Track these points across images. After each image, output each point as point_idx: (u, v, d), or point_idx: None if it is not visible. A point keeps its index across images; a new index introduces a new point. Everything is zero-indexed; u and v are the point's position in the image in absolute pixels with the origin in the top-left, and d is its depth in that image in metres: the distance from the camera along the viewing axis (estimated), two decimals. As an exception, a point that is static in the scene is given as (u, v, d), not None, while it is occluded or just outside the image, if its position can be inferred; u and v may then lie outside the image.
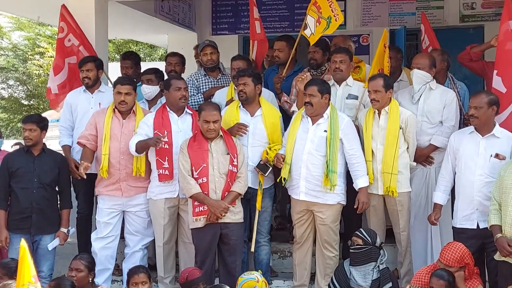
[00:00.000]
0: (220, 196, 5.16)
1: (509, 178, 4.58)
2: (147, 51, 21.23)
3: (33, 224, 5.42)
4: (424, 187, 5.56)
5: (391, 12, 9.40)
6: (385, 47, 5.78)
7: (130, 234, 5.64)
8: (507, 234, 4.54)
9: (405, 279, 5.45)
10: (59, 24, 6.53)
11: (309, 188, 5.28)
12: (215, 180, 5.16)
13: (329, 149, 5.19)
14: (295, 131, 5.35)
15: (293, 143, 5.32)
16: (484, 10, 9.09)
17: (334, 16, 5.85)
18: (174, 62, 6.80)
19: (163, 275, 5.64)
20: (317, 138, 5.26)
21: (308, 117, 5.34)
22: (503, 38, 5.40)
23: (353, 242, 5.05)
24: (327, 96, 5.28)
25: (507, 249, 4.48)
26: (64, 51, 6.50)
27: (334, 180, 5.18)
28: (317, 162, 5.24)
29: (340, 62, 5.65)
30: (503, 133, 4.94)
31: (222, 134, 5.27)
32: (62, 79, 6.53)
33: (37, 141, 5.48)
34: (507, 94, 5.28)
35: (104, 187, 5.55)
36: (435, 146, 5.49)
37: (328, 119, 5.27)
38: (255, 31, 6.60)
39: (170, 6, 8.89)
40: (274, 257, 6.16)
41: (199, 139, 5.23)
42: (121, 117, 5.54)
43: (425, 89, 5.54)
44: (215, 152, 5.19)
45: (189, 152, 5.17)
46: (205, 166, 5.15)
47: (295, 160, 5.30)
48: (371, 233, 5.09)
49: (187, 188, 5.15)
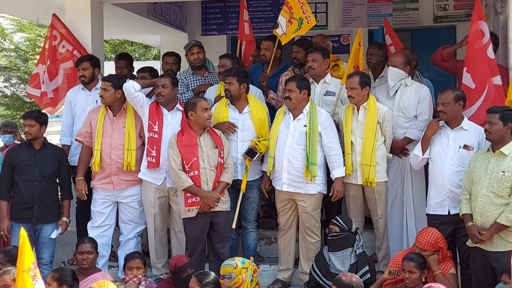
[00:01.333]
0: (211, 187, 5.19)
1: (478, 169, 4.64)
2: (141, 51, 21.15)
3: (35, 214, 5.43)
4: (400, 177, 5.60)
5: (369, 13, 9.41)
6: (360, 45, 5.81)
7: (123, 223, 5.67)
8: (477, 223, 4.61)
9: (383, 262, 5.51)
10: (51, 32, 6.55)
11: (291, 179, 5.32)
12: (206, 173, 5.18)
13: (309, 143, 5.23)
14: (278, 126, 5.39)
15: (276, 138, 5.36)
16: (456, 11, 9.13)
17: (306, 18, 5.84)
18: (170, 61, 6.79)
19: (156, 261, 5.68)
20: (297, 133, 5.30)
21: (289, 113, 5.37)
22: (473, 38, 5.43)
23: (331, 229, 5.09)
24: (305, 92, 5.31)
25: (477, 237, 4.55)
26: (58, 58, 6.53)
27: (314, 171, 5.23)
28: (298, 155, 5.28)
29: (312, 61, 5.67)
30: (470, 126, 5.02)
31: (208, 128, 5.30)
32: (56, 85, 6.59)
33: (36, 135, 5.48)
34: (476, 90, 5.32)
35: (98, 180, 5.59)
36: (409, 138, 5.53)
37: (308, 114, 5.30)
38: (244, 32, 6.61)
39: (162, 8, 8.86)
40: (261, 243, 6.20)
41: (188, 133, 5.24)
42: (112, 115, 5.55)
43: (401, 85, 5.57)
44: (204, 146, 5.21)
45: (179, 147, 5.18)
46: (196, 160, 5.17)
47: (277, 154, 5.34)
48: (346, 220, 5.14)
49: (179, 182, 5.16)
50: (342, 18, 9.49)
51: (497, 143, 4.58)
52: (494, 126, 4.55)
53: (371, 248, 5.67)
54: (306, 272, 5.40)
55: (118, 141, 5.48)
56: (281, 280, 5.56)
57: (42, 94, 6.69)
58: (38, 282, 3.36)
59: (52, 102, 6.66)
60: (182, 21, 9.68)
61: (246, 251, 5.71)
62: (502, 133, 4.55)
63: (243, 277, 4.51)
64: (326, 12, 9.52)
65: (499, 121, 4.53)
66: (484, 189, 4.56)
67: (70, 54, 6.46)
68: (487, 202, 4.54)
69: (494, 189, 4.51)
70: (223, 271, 4.51)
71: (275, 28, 6.07)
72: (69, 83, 6.48)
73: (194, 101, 5.28)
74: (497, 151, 4.57)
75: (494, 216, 4.51)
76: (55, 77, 6.59)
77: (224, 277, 4.47)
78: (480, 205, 4.58)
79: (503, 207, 4.47)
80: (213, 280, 4.34)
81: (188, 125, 5.27)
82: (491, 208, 4.52)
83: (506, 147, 4.53)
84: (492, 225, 4.52)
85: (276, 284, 5.53)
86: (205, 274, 4.38)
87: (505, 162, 4.50)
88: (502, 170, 4.48)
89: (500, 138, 4.55)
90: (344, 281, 4.15)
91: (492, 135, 4.58)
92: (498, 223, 4.48)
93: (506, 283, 4.23)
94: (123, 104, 5.56)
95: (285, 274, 5.58)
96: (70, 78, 6.50)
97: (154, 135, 5.42)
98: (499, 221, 4.47)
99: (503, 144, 4.55)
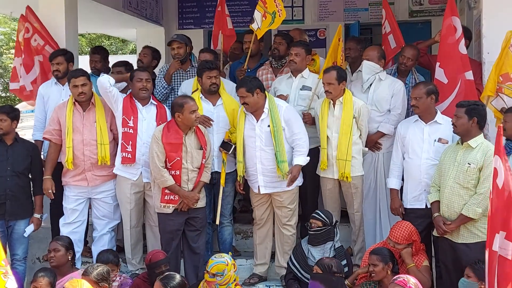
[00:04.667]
0: (191, 187, 5.18)
1: (447, 161, 4.73)
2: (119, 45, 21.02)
3: (7, 210, 5.38)
4: (373, 171, 5.63)
5: (346, 7, 9.47)
6: (340, 41, 5.83)
7: (97, 218, 5.63)
8: (444, 214, 4.71)
9: (358, 255, 5.55)
10: (24, 25, 6.46)
11: (267, 181, 5.30)
12: (188, 173, 5.15)
13: (275, 142, 5.18)
14: (242, 130, 5.31)
15: (242, 141, 5.30)
16: (431, 6, 9.23)
17: (278, 11, 5.88)
18: (142, 53, 6.86)
19: (131, 256, 5.66)
20: (264, 135, 5.24)
21: (250, 114, 5.31)
22: (446, 33, 5.49)
23: (312, 224, 5.11)
24: (258, 91, 5.19)
25: (442, 228, 4.64)
26: (32, 50, 6.45)
27: (285, 168, 5.19)
28: (269, 157, 5.24)
29: (295, 55, 5.68)
30: (444, 119, 5.08)
31: (195, 127, 5.24)
32: (34, 76, 6.51)
33: (8, 130, 5.41)
34: (449, 85, 5.39)
35: (71, 178, 5.53)
36: (382, 133, 5.57)
37: (269, 112, 5.23)
38: (226, 26, 6.58)
39: (137, 2, 8.80)
40: (238, 238, 6.21)
41: (174, 130, 5.17)
42: (81, 109, 5.50)
43: (375, 79, 5.61)
44: (189, 146, 5.16)
45: (164, 143, 5.11)
46: (179, 159, 5.13)
47: (249, 157, 5.31)
48: (328, 214, 5.17)
49: (162, 180, 5.11)
50: (318, 13, 9.53)
51: (464, 136, 4.67)
52: (459, 120, 4.64)
53: (346, 242, 5.70)
54: (282, 266, 5.42)
55: (90, 136, 5.43)
56: (257, 274, 5.57)
57: (22, 88, 6.60)
58: (10, 279, 3.34)
59: (32, 94, 6.55)
60: (159, 15, 9.62)
61: (222, 246, 5.71)
62: (467, 127, 4.63)
63: (231, 273, 4.54)
64: (302, 6, 9.56)
65: (464, 115, 4.62)
66: (451, 180, 4.65)
67: (41, 48, 6.39)
68: (453, 193, 4.63)
69: (460, 181, 4.60)
70: (215, 269, 4.50)
71: (251, 23, 6.10)
72: (43, 76, 6.43)
73: (181, 102, 5.13)
74: (465, 144, 4.65)
75: (460, 207, 4.59)
76: (31, 69, 6.50)
77: (215, 275, 4.47)
78: (447, 196, 4.67)
79: (468, 198, 4.56)
80: (179, 283, 4.25)
81: (175, 122, 5.21)
82: (457, 199, 4.61)
83: (473, 140, 4.61)
84: (457, 216, 4.60)
85: (252, 278, 5.53)
86: (170, 278, 4.28)
87: (472, 154, 4.58)
88: (468, 162, 4.56)
89: (465, 132, 4.64)
90: (324, 260, 4.54)
91: (457, 129, 4.68)
92: (463, 215, 4.57)
93: (469, 277, 4.30)
94: (91, 99, 5.51)
95: (262, 268, 5.59)
96: (42, 72, 6.45)
97: (129, 130, 5.38)
98: (463, 213, 4.56)
99: (471, 137, 4.63)
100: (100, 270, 4.44)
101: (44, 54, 6.34)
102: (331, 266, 4.57)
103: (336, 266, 4.60)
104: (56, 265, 4.92)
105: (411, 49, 5.85)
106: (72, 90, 5.44)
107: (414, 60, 5.85)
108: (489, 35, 5.51)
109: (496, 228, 3.51)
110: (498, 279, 3.45)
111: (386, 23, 6.43)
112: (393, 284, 4.09)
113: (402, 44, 6.17)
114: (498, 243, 3.47)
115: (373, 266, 4.62)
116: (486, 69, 5.45)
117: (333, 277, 4.54)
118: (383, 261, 4.61)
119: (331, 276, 4.54)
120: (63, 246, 4.98)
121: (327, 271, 4.56)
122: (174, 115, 5.17)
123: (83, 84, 5.39)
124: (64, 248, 4.98)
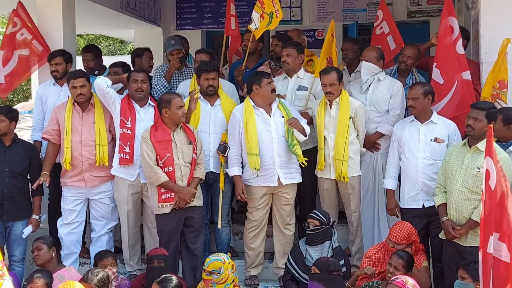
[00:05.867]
0: (186, 183, 5.17)
1: (453, 164, 4.66)
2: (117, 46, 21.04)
3: (5, 211, 5.37)
4: (372, 171, 5.64)
5: (344, 8, 9.49)
6: (333, 36, 5.84)
7: (95, 219, 5.64)
8: (452, 218, 4.65)
9: (356, 256, 5.56)
10: (12, 19, 6.46)
11: (285, 172, 5.32)
12: (181, 169, 5.15)
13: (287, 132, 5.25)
14: (254, 124, 5.30)
15: (256, 135, 5.27)
16: (429, 6, 9.25)
17: (275, 12, 5.89)
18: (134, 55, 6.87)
19: (129, 257, 5.67)
20: (279, 126, 5.31)
21: (259, 109, 5.34)
22: (443, 33, 5.49)
23: (309, 224, 5.11)
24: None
25: (451, 233, 4.59)
26: (15, 44, 6.42)
27: (298, 150, 5.23)
28: (286, 148, 5.30)
29: (287, 56, 5.69)
30: (440, 119, 5.09)
31: (182, 124, 5.28)
32: (8, 70, 6.48)
33: (6, 131, 5.42)
34: (445, 85, 5.39)
35: (69, 178, 5.54)
36: (381, 133, 5.58)
37: (278, 105, 5.35)
38: (230, 26, 6.57)
39: (135, 2, 8.81)
40: (236, 238, 6.20)
41: (161, 128, 5.20)
42: (81, 110, 5.50)
43: (373, 80, 5.61)
44: (178, 142, 5.18)
45: (153, 142, 5.14)
46: (170, 156, 5.13)
47: (265, 151, 5.28)
48: (325, 214, 5.18)
49: (155, 177, 5.11)
50: (316, 13, 9.55)
51: (477, 139, 4.56)
52: (479, 123, 4.53)
53: (344, 242, 5.70)
54: (281, 267, 5.43)
55: (89, 137, 5.43)
56: (255, 275, 5.56)
57: None
58: (6, 280, 3.35)
59: (3, 88, 6.53)
60: (157, 15, 9.62)
61: (219, 247, 5.70)
62: (485, 132, 4.55)
63: (229, 272, 4.54)
64: (301, 7, 9.57)
65: (484, 119, 4.52)
66: (459, 184, 4.58)
67: (29, 42, 6.38)
68: (461, 197, 4.57)
69: (468, 185, 4.53)
70: (211, 266, 4.51)
71: (249, 23, 6.10)
72: (19, 71, 6.44)
73: (168, 98, 5.19)
74: (473, 147, 4.57)
75: (468, 212, 4.54)
76: (8, 63, 6.47)
77: (212, 273, 4.48)
78: (455, 200, 4.61)
79: (478, 203, 4.40)
80: (176, 285, 4.25)
81: (162, 121, 5.24)
82: (466, 204, 4.55)
83: (482, 143, 4.45)
84: (467, 221, 4.55)
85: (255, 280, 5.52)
86: (167, 280, 4.27)
87: (481, 158, 4.38)
88: (477, 166, 4.47)
89: (481, 135, 4.49)
90: (322, 260, 4.58)
91: (475, 132, 4.55)
92: (472, 220, 4.50)
93: (464, 278, 4.28)
94: (90, 100, 5.52)
95: (259, 269, 5.60)
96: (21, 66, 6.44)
97: (127, 131, 5.39)
98: (473, 218, 4.49)
99: (480, 140, 4.51)
100: (101, 276, 4.44)
101: (32, 48, 6.34)
102: (328, 265, 4.58)
103: (333, 264, 4.61)
104: (41, 263, 4.92)
105: (411, 48, 5.86)
106: (71, 91, 5.46)
107: (415, 59, 5.85)
108: (487, 35, 5.51)
109: (490, 230, 3.49)
110: (494, 280, 3.43)
111: (384, 24, 6.43)
112: (392, 285, 4.09)
113: (401, 45, 6.18)
114: (492, 245, 3.45)
115: (395, 269, 4.54)
116: (484, 69, 5.45)
117: (331, 276, 4.54)
118: (406, 269, 4.55)
119: (329, 275, 4.55)
120: (45, 243, 4.97)
121: (325, 271, 4.56)
122: (161, 112, 5.21)
123: (82, 85, 5.40)
124: (46, 245, 4.97)
